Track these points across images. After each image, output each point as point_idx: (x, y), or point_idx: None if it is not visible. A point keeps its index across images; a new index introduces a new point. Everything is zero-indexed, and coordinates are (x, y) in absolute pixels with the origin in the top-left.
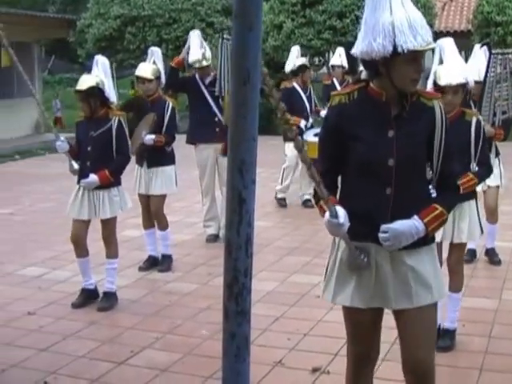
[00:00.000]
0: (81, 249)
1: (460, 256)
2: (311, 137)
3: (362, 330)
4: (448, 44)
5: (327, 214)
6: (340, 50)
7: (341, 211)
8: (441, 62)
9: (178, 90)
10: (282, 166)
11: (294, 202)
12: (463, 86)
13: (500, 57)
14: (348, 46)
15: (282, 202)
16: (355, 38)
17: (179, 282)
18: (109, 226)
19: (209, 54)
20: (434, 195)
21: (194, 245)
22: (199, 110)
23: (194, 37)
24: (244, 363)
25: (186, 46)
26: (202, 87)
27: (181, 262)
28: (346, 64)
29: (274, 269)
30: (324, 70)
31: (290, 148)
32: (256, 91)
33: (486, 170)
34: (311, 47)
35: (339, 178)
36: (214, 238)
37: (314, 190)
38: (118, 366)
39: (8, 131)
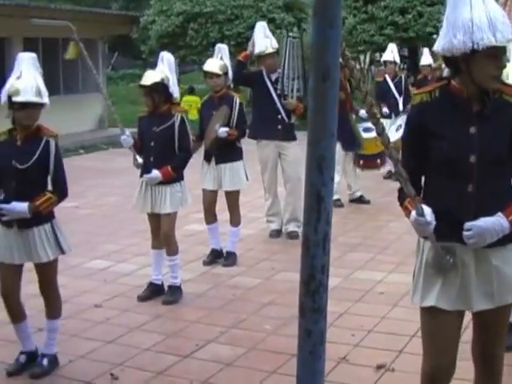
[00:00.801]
0: (157, 241)
1: None
2: (361, 133)
3: (443, 336)
4: None
5: (413, 212)
6: (392, 46)
7: (427, 209)
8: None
9: (244, 83)
10: None
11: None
12: None
13: None
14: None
15: (338, 203)
16: (417, 33)
17: (243, 277)
18: (169, 221)
19: (275, 43)
20: None
21: (257, 239)
22: (263, 105)
23: (259, 28)
24: (319, 361)
25: (252, 39)
26: (268, 83)
27: (244, 257)
28: (398, 60)
29: (337, 265)
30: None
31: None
32: (336, 87)
33: None
34: (373, 43)
35: (423, 178)
36: (276, 234)
37: (399, 190)
38: (182, 359)
39: (72, 126)
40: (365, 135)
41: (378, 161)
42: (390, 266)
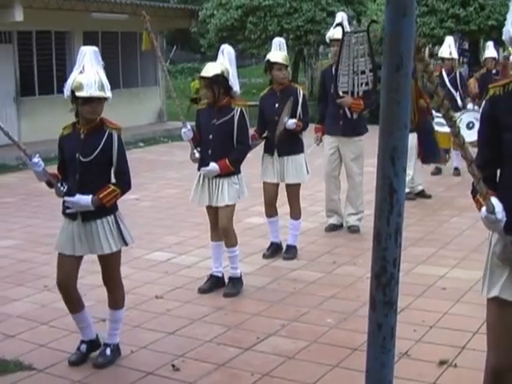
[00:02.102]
0: (217, 232)
1: None
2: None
3: (506, 329)
4: None
5: (484, 208)
6: (449, 40)
7: (499, 206)
8: None
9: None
10: None
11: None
12: None
13: None
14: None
15: (409, 196)
16: (478, 26)
17: (304, 270)
18: (227, 213)
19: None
20: None
21: (318, 233)
22: (330, 99)
23: (339, 16)
24: (389, 354)
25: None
26: (331, 76)
27: (305, 250)
28: (455, 55)
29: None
30: None
31: (409, 139)
32: (409, 77)
33: None
34: (433, 36)
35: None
36: (332, 228)
37: (473, 184)
38: (244, 351)
39: (132, 119)
40: (439, 129)
41: (447, 156)
42: (452, 261)
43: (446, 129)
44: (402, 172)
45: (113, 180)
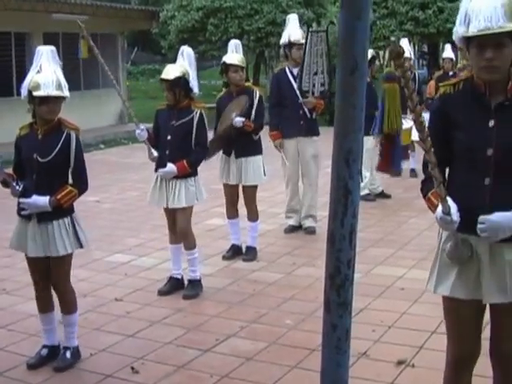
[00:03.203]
0: (174, 235)
1: None
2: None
3: (462, 323)
4: None
5: (440, 209)
6: (405, 42)
7: (454, 208)
8: None
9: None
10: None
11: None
12: None
13: None
14: None
15: (369, 198)
16: (437, 29)
17: (263, 272)
18: (185, 215)
19: (304, 35)
20: None
21: (278, 235)
22: (287, 101)
23: (293, 18)
24: (344, 355)
25: (285, 28)
26: (291, 79)
27: (265, 252)
28: (412, 55)
29: (358, 260)
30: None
31: (370, 141)
32: (364, 80)
33: None
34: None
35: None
36: (291, 229)
37: (422, 181)
38: (203, 353)
39: (93, 121)
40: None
41: (409, 151)
42: (410, 261)
43: (407, 125)
44: (357, 174)
45: (70, 181)
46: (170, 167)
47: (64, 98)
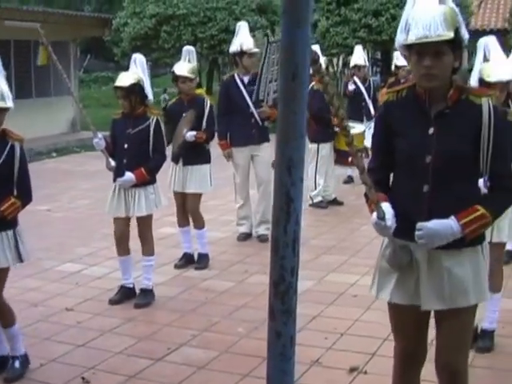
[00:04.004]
0: (123, 247)
1: (499, 255)
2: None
3: (405, 326)
4: (492, 42)
5: (374, 214)
6: (360, 49)
7: (389, 213)
8: (485, 59)
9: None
10: (312, 170)
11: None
12: (508, 83)
13: None
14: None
15: (321, 205)
16: (390, 36)
17: (216, 280)
18: (145, 223)
19: (255, 43)
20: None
21: (230, 243)
22: (237, 109)
23: (244, 26)
24: (289, 362)
25: (236, 36)
26: (241, 87)
27: (217, 260)
28: (367, 62)
29: (311, 267)
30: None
31: (325, 149)
32: (305, 87)
33: None
34: (346, 46)
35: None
36: (245, 237)
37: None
38: (155, 362)
39: (45, 129)
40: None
41: (350, 159)
42: (363, 268)
43: (357, 130)
44: (299, 181)
45: (15, 192)
46: (129, 176)
47: (7, 108)
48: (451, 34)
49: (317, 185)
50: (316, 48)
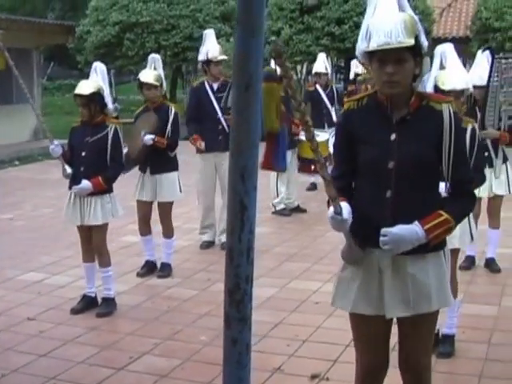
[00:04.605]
0: (88, 254)
1: (454, 262)
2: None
3: (370, 339)
4: (449, 49)
5: (331, 209)
6: (322, 56)
7: (346, 208)
8: (442, 67)
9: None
10: (274, 178)
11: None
12: (463, 92)
13: (504, 61)
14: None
15: (284, 212)
16: (353, 44)
17: (179, 288)
18: (100, 232)
19: (221, 51)
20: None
21: (193, 251)
22: (205, 116)
23: (211, 34)
24: (245, 369)
25: (203, 44)
26: (210, 93)
27: (180, 268)
28: (329, 70)
29: (274, 275)
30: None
31: (288, 156)
32: (258, 96)
33: (479, 178)
34: (309, 53)
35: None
36: (207, 245)
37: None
38: (117, 371)
39: (7, 137)
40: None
41: (313, 167)
42: (325, 275)
43: (321, 138)
44: (253, 190)
45: None
46: (85, 183)
47: None
48: (412, 41)
49: (279, 192)
50: (322, 57)
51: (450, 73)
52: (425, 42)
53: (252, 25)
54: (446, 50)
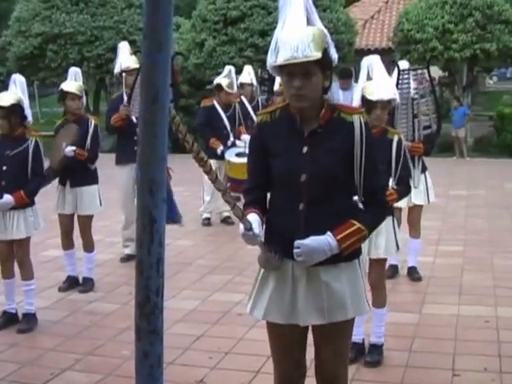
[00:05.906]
0: (7, 270)
1: (381, 271)
2: (233, 157)
3: (283, 346)
4: (376, 61)
5: (241, 226)
6: (248, 68)
7: (255, 222)
8: (369, 78)
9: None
10: (202, 187)
11: (215, 221)
12: (390, 102)
13: (413, 73)
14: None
15: (205, 222)
16: None
17: (100, 302)
18: (23, 246)
19: (137, 61)
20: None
21: (115, 264)
22: (120, 129)
23: (124, 46)
24: (157, 383)
25: (118, 56)
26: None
27: (102, 282)
28: (255, 82)
29: (196, 287)
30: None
31: (213, 165)
32: (165, 110)
33: (405, 189)
34: (233, 65)
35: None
36: (127, 258)
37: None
38: None
39: None
40: (235, 160)
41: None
42: (248, 287)
43: (242, 160)
44: (162, 202)
45: None
46: (7, 198)
47: None
48: (319, 55)
49: (204, 201)
50: (249, 69)
51: (377, 83)
52: (334, 55)
53: (158, 39)
54: (373, 62)
